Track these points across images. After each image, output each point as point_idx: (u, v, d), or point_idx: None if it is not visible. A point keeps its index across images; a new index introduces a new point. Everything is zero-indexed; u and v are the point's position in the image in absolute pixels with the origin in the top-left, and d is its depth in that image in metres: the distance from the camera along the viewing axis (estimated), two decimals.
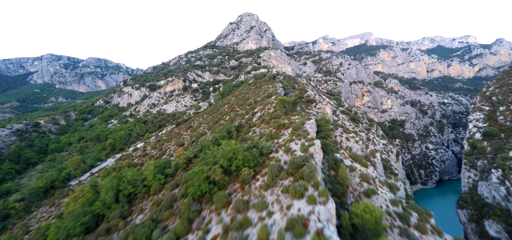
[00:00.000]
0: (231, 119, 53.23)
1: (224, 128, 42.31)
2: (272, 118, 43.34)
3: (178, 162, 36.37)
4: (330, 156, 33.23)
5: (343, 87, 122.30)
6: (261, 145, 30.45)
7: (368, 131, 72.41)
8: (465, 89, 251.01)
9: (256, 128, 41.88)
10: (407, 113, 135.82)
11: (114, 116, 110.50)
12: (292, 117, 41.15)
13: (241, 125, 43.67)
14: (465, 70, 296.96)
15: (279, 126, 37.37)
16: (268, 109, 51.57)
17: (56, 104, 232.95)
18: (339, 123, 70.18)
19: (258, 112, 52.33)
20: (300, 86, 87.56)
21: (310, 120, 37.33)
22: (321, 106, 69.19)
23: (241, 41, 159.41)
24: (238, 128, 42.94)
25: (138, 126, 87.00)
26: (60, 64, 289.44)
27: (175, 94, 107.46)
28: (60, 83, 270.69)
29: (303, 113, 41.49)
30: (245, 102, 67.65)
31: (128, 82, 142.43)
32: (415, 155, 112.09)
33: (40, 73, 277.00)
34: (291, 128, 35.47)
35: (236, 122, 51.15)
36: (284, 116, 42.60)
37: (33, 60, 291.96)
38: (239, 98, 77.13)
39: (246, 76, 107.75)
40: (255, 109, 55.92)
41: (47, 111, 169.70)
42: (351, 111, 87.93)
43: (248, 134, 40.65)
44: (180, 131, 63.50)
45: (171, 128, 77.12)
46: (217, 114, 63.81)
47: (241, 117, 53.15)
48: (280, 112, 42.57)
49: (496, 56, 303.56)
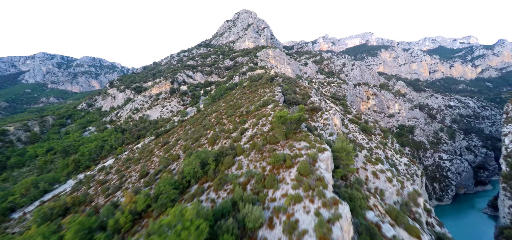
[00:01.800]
0: (214, 137, 39.35)
1: (198, 156, 28.47)
2: (266, 143, 29.52)
3: (118, 221, 22.60)
4: (360, 219, 19.44)
5: (348, 90, 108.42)
6: (244, 212, 16.61)
7: (384, 145, 58.70)
8: (469, 90, 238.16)
9: (243, 159, 28.04)
10: (416, 118, 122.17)
11: (93, 122, 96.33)
12: (295, 143, 27.30)
13: (223, 152, 29.76)
14: (468, 71, 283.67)
15: (277, 162, 23.47)
16: (262, 124, 37.68)
17: (47, 104, 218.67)
18: (350, 136, 56.45)
19: (249, 129, 38.45)
20: (302, 90, 73.62)
21: (324, 154, 23.47)
22: (328, 116, 55.36)
23: (237, 40, 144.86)
24: (218, 158, 29.06)
25: (113, 136, 72.98)
26: (53, 63, 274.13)
27: (161, 98, 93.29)
28: (52, 83, 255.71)
29: (311, 137, 27.75)
30: (236, 111, 53.70)
31: (114, 83, 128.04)
32: (428, 166, 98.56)
33: (32, 73, 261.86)
34: (295, 169, 21.63)
35: (219, 143, 37.23)
36: (284, 140, 28.76)
37: (25, 59, 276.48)
38: (230, 105, 63.16)
39: (241, 78, 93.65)
40: (246, 123, 42.03)
41: (32, 113, 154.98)
42: (361, 119, 74.16)
43: (230, 169, 26.79)
44: (153, 149, 49.54)
45: (149, 140, 63.17)
46: (201, 127, 49.84)
47: (227, 134, 39.30)
48: (279, 134, 28.72)
49: (499, 57, 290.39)
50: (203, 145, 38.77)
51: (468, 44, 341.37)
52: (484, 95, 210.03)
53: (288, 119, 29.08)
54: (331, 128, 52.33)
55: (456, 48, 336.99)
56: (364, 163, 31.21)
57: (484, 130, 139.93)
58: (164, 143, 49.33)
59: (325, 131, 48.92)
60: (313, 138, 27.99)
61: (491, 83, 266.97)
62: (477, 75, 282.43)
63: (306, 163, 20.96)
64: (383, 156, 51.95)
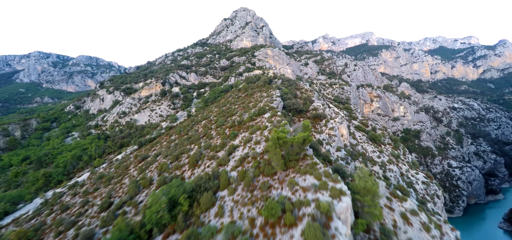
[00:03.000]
0: (197, 155, 31.42)
1: (167, 192, 20.61)
2: (259, 173, 21.58)
3: None
4: None
5: (351, 92, 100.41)
6: None
7: (397, 159, 50.83)
8: (471, 92, 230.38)
9: (227, 197, 20.12)
10: (422, 121, 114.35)
11: (78, 127, 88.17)
12: (299, 178, 19.38)
13: (201, 186, 21.80)
14: (469, 71, 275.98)
15: (272, 216, 15.50)
16: (256, 142, 29.69)
17: (41, 104, 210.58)
18: (358, 148, 48.55)
19: (240, 147, 30.46)
20: (303, 93, 65.55)
21: (342, 203, 15.56)
22: (334, 125, 47.41)
23: (234, 38, 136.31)
24: (194, 195, 21.14)
25: (94, 145, 64.88)
26: (48, 62, 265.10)
27: (151, 101, 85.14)
28: (47, 82, 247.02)
29: (319, 168, 19.85)
30: (227, 119, 45.65)
31: (105, 83, 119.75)
32: (436, 174, 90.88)
33: (27, 72, 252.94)
34: (300, 233, 13.72)
35: (201, 165, 29.25)
36: (282, 171, 20.82)
37: (20, 58, 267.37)
38: (222, 110, 55.10)
39: (237, 79, 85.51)
40: (236, 138, 34.01)
41: (22, 115, 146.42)
42: (368, 125, 66.24)
43: (208, 213, 18.84)
44: (130, 165, 41.54)
45: (131, 150, 55.15)
46: (185, 139, 41.78)
47: (213, 152, 31.36)
48: (276, 162, 20.76)
49: (501, 57, 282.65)
50: (182, 166, 30.81)
51: (469, 45, 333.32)
52: (487, 96, 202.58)
53: (288, 142, 21.09)
54: (338, 141, 44.41)
55: (457, 49, 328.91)
56: (388, 199, 23.28)
57: (490, 133, 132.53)
58: (142, 158, 41.34)
59: (331, 144, 41.01)
60: (323, 169, 20.00)
61: (492, 84, 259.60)
62: (478, 76, 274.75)
63: (316, 227, 13.00)
64: (398, 173, 44.10)
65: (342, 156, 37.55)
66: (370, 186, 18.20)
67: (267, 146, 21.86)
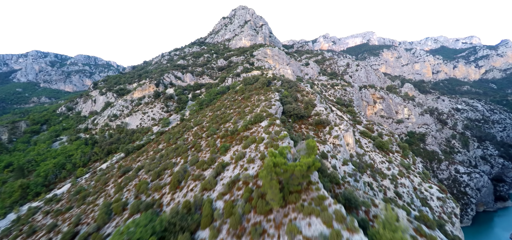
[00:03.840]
0: (180, 173, 26.44)
1: (133, 232, 15.71)
2: (251, 209, 16.63)
3: None
4: None
5: (354, 94, 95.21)
6: None
7: (407, 170, 45.79)
8: (473, 92, 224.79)
9: None
10: (427, 124, 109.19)
11: (68, 130, 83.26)
12: (302, 220, 14.42)
13: (174, 223, 16.84)
14: (471, 72, 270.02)
15: None
16: (249, 160, 24.63)
17: (38, 104, 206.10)
18: (366, 158, 43.51)
19: (230, 164, 25.44)
20: (304, 96, 60.40)
21: None
22: (339, 133, 42.32)
23: (233, 38, 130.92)
24: (166, 235, 16.22)
25: (80, 151, 59.93)
26: (46, 61, 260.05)
27: (144, 103, 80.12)
28: (45, 82, 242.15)
29: (329, 206, 14.96)
30: (220, 127, 40.63)
31: (99, 84, 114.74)
32: (443, 180, 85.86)
33: (24, 71, 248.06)
34: None
35: (184, 187, 24.25)
36: (279, 207, 15.87)
37: (17, 57, 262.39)
38: (216, 115, 50.06)
39: (234, 80, 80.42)
40: (227, 152, 28.98)
41: (16, 115, 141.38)
42: (373, 130, 61.17)
43: None
44: (110, 179, 36.62)
45: (117, 158, 50.22)
46: (172, 150, 36.73)
47: (198, 170, 26.38)
48: (272, 196, 15.80)
49: (503, 57, 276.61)
50: (163, 187, 25.83)
51: (470, 44, 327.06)
52: (490, 97, 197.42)
53: (289, 170, 16.08)
54: (344, 151, 39.32)
55: (459, 48, 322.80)
56: (413, 238, 18.29)
57: (495, 136, 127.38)
58: (124, 171, 36.38)
59: (336, 156, 35.96)
60: (333, 207, 15.00)
61: (495, 84, 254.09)
62: (480, 76, 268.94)
63: None
64: (411, 188, 39.10)
65: (350, 172, 32.54)
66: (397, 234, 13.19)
67: (261, 174, 16.86)
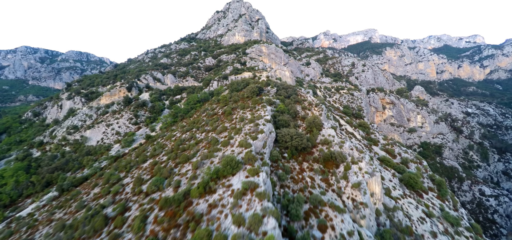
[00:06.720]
0: None
1: None
2: None
3: None
4: None
5: (362, 99, 79.11)
6: None
7: (455, 226, 30.15)
8: (480, 93, 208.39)
9: None
10: (443, 133, 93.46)
11: (23, 143, 67.36)
12: None
13: None
14: (476, 72, 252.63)
15: None
16: None
17: (25, 103, 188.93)
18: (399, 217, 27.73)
19: None
20: (306, 111, 44.08)
21: None
22: (359, 177, 26.28)
23: (226, 33, 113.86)
24: None
25: (14, 179, 44.07)
26: (35, 57, 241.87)
27: (111, 111, 63.99)
28: (34, 79, 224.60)
29: None
30: (179, 166, 24.91)
31: (73, 85, 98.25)
32: (466, 204, 70.75)
33: (12, 68, 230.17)
34: None
35: None
36: None
37: (6, 53, 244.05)
38: (180, 142, 34.19)
39: (220, 84, 64.06)
40: None
41: None
42: (394, 154, 45.28)
43: None
44: None
45: (47, 199, 34.52)
46: (99, 207, 21.09)
47: None
48: None
49: (509, 57, 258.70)
50: None
51: (474, 43, 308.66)
52: (497, 99, 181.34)
53: None
54: (370, 212, 23.47)
55: (463, 48, 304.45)
56: None
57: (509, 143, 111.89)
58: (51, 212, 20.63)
59: (356, 216, 20.23)
60: None
61: (500, 85, 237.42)
62: (485, 76, 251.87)
63: None
64: None
65: None
66: None
67: None
